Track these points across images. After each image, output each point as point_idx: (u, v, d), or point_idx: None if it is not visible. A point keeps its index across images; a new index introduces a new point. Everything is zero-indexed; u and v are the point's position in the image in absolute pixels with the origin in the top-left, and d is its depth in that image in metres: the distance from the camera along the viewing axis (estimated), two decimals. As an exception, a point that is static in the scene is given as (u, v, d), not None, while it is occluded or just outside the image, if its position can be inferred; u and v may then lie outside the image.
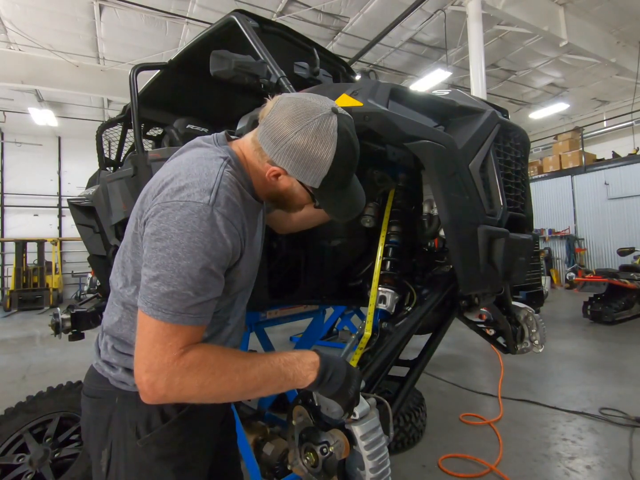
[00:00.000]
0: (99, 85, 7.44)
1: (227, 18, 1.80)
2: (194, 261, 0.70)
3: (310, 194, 0.86)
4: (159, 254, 0.71)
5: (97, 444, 0.88)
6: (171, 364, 0.69)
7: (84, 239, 3.13)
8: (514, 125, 1.42)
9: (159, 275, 0.71)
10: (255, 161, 0.86)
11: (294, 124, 0.77)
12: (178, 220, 0.71)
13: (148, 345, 0.71)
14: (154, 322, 0.71)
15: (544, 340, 1.88)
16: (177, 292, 0.70)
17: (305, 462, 0.93)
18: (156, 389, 0.69)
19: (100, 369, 0.89)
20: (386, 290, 1.23)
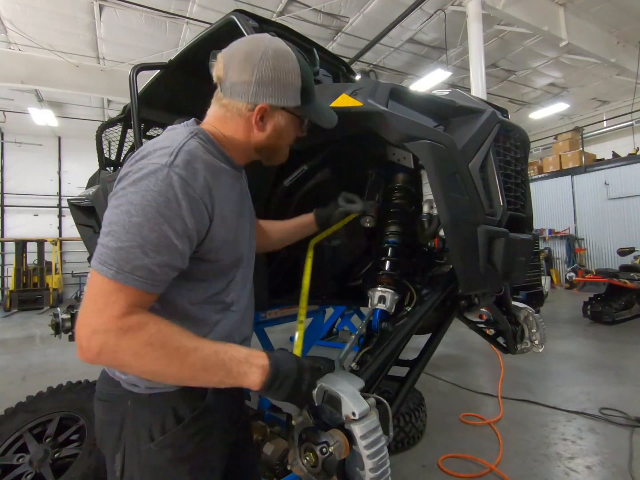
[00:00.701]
0: (99, 85, 7.44)
1: (227, 18, 1.80)
2: (146, 219, 0.69)
3: (296, 116, 0.90)
4: (114, 212, 0.71)
5: (110, 447, 0.87)
6: (109, 322, 0.67)
7: (84, 239, 3.14)
8: (513, 125, 1.42)
9: (110, 231, 0.69)
10: (233, 122, 0.87)
11: (252, 60, 0.82)
12: (134, 180, 0.71)
13: (90, 301, 0.69)
14: (99, 277, 0.69)
15: (544, 340, 1.88)
16: (125, 248, 0.68)
17: (304, 462, 0.93)
18: (91, 346, 0.66)
19: (111, 373, 0.88)
20: (386, 290, 1.23)
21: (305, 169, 1.36)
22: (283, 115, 0.89)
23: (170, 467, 0.83)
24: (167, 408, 0.83)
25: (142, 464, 0.82)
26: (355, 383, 0.96)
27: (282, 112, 0.88)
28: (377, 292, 1.24)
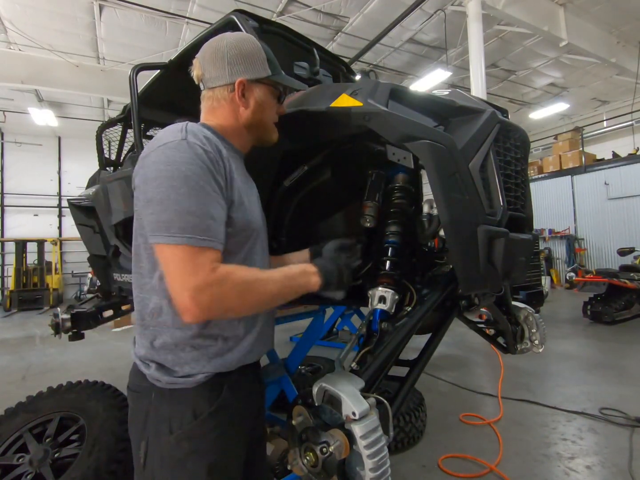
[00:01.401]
0: (99, 85, 7.45)
1: (227, 18, 1.80)
2: (190, 187, 0.78)
3: (271, 85, 1.03)
4: (159, 190, 0.78)
5: (136, 435, 0.92)
6: (207, 277, 0.75)
7: (84, 239, 3.13)
8: (513, 125, 1.41)
9: (165, 208, 0.77)
10: (221, 109, 1.00)
11: (220, 51, 0.98)
12: (162, 160, 0.80)
13: (179, 271, 0.76)
14: (177, 249, 0.76)
15: (544, 340, 1.88)
16: (185, 216, 0.76)
17: (305, 462, 0.93)
18: (200, 302, 0.74)
19: (138, 366, 0.93)
20: (386, 290, 1.23)
21: (305, 169, 1.36)
22: (260, 87, 1.01)
23: (188, 460, 0.86)
24: (185, 403, 0.87)
25: (162, 455, 0.87)
26: (356, 383, 0.96)
27: (259, 85, 1.01)
28: (377, 292, 1.24)
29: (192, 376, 0.87)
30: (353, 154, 1.43)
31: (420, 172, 1.32)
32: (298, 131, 1.25)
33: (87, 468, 1.65)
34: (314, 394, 0.96)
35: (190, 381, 0.87)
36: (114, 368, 4.25)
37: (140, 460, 0.89)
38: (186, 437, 0.85)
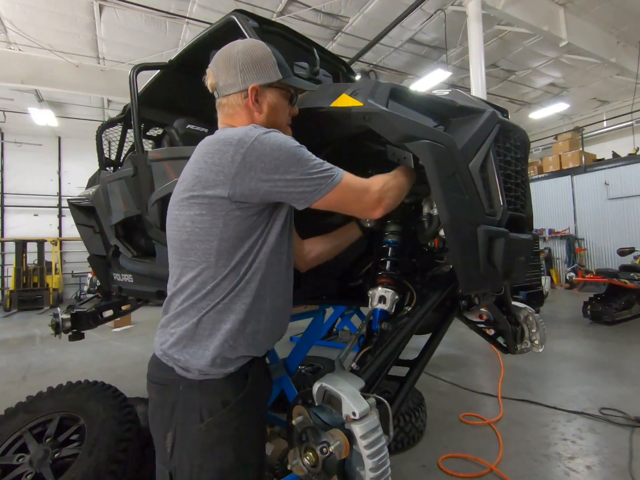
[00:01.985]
0: (99, 85, 7.45)
1: (227, 18, 1.80)
2: (304, 154, 0.94)
3: (283, 89, 1.08)
4: (294, 169, 0.91)
5: (162, 426, 0.96)
6: (377, 185, 1.02)
7: (84, 239, 3.13)
8: (514, 125, 1.41)
9: (311, 174, 0.92)
10: (238, 116, 1.05)
11: (231, 59, 1.03)
12: (270, 148, 0.90)
13: (358, 192, 1.00)
14: (340, 185, 0.95)
15: (544, 340, 1.88)
16: (323, 167, 0.94)
17: (305, 462, 0.93)
18: (385, 195, 1.03)
19: (164, 359, 0.96)
20: (386, 290, 1.23)
21: (305, 168, 1.36)
22: (272, 92, 1.06)
23: (217, 445, 0.92)
24: (215, 392, 0.93)
25: (192, 442, 0.91)
26: (356, 383, 0.96)
27: (270, 89, 1.05)
28: (377, 292, 1.24)
29: (225, 367, 0.93)
30: (353, 154, 1.43)
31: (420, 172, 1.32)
32: (298, 131, 1.25)
33: (87, 468, 1.65)
34: (314, 394, 0.97)
35: (222, 372, 0.93)
36: (114, 368, 4.25)
37: (167, 449, 0.93)
38: (216, 424, 0.91)
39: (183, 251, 0.97)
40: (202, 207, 0.93)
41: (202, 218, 0.93)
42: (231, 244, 0.93)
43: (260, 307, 0.97)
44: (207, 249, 0.93)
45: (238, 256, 0.94)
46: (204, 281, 0.94)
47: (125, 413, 1.97)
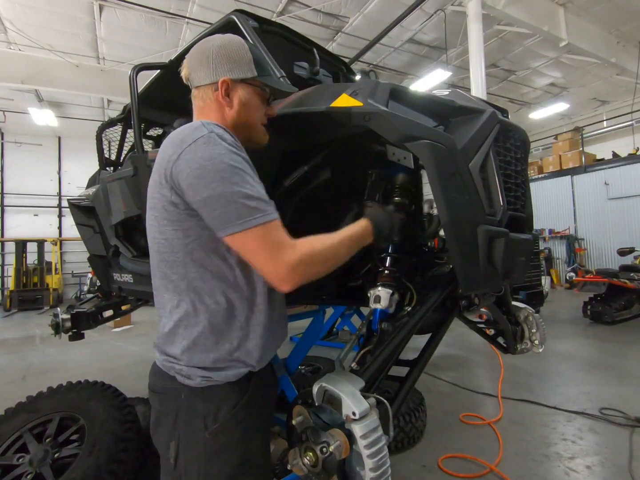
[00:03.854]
0: (99, 85, 7.45)
1: (227, 18, 1.80)
2: (237, 174, 0.82)
3: (256, 86, 1.02)
4: (213, 186, 0.80)
5: (165, 436, 0.94)
6: (295, 251, 0.83)
7: (84, 239, 3.13)
8: (513, 125, 1.41)
9: (227, 201, 0.80)
10: (208, 109, 1.01)
11: (205, 51, 0.99)
12: (201, 156, 0.82)
13: (268, 249, 0.82)
14: (254, 231, 0.81)
15: (544, 340, 1.88)
16: (244, 200, 0.81)
17: (305, 462, 0.93)
18: (297, 273, 0.83)
19: (165, 368, 0.94)
20: (386, 290, 1.23)
21: (305, 169, 1.36)
22: (245, 88, 1.01)
23: (223, 451, 0.90)
24: (219, 398, 0.91)
25: (197, 450, 0.89)
26: (356, 383, 0.96)
27: (243, 85, 1.01)
28: (377, 292, 1.24)
29: (226, 372, 0.91)
30: (353, 154, 1.43)
31: (420, 172, 1.32)
32: (298, 131, 1.25)
33: (87, 468, 1.65)
34: (314, 394, 0.97)
35: (224, 376, 0.91)
36: (114, 368, 4.24)
37: (171, 460, 0.91)
38: (222, 430, 0.89)
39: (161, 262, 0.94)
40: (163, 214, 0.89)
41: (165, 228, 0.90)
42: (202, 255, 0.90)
43: (257, 319, 0.95)
44: (175, 262, 0.91)
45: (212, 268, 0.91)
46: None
47: (125, 413, 1.97)
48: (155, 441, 0.98)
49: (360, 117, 1.08)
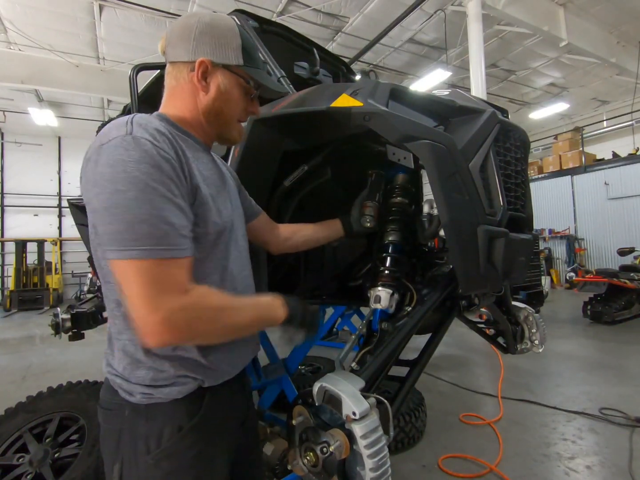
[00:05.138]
0: (99, 85, 7.45)
1: (227, 18, 1.80)
2: (140, 190, 0.65)
3: (240, 76, 0.89)
4: (102, 198, 0.66)
5: (109, 457, 0.83)
6: (181, 299, 0.67)
7: (84, 239, 3.13)
8: (514, 125, 1.41)
9: (112, 218, 0.65)
10: (180, 91, 0.89)
11: (189, 25, 0.86)
12: (105, 161, 0.67)
13: (143, 290, 0.65)
14: (135, 264, 0.65)
15: (544, 340, 1.88)
16: (137, 225, 0.65)
17: (305, 462, 0.93)
18: (172, 328, 0.66)
19: (111, 381, 0.83)
20: (386, 290, 1.23)
21: (305, 169, 1.36)
22: (226, 75, 0.88)
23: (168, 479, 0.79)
24: (163, 419, 0.79)
25: (138, 476, 0.79)
26: (356, 383, 0.96)
27: (225, 71, 0.88)
28: (377, 292, 1.24)
29: (170, 388, 0.79)
30: (353, 154, 1.43)
31: (420, 172, 1.32)
32: (298, 131, 1.25)
33: (87, 468, 1.65)
34: (314, 394, 0.96)
35: (167, 393, 0.79)
36: (114, 368, 4.24)
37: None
38: (165, 456, 0.78)
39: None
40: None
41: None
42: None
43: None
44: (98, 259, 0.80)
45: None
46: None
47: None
48: (104, 460, 0.87)
49: (360, 117, 1.08)
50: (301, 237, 1.26)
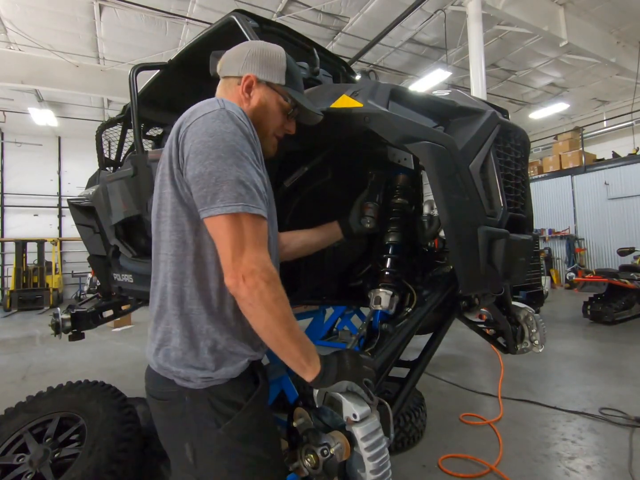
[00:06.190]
0: (99, 85, 7.44)
1: (227, 18, 1.80)
2: (236, 157, 0.79)
3: (281, 95, 1.02)
4: (207, 164, 0.78)
5: (177, 440, 0.91)
6: (265, 265, 0.78)
7: (84, 239, 3.13)
8: (514, 126, 1.41)
9: (217, 179, 0.77)
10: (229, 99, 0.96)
11: (243, 49, 1.02)
12: (205, 131, 0.80)
13: (239, 238, 0.77)
14: (227, 218, 0.77)
15: (544, 340, 1.89)
16: (236, 185, 0.77)
17: (306, 464, 0.93)
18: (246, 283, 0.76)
19: (162, 372, 0.90)
20: (386, 291, 1.23)
21: (305, 169, 1.36)
22: (268, 91, 1.01)
23: (241, 445, 0.88)
24: (224, 397, 0.87)
25: (214, 448, 0.87)
26: (356, 384, 0.96)
27: (267, 88, 1.01)
28: (378, 293, 1.24)
29: (226, 369, 0.88)
30: (353, 155, 1.43)
31: (420, 173, 1.32)
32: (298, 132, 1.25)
33: (87, 468, 1.65)
34: (315, 396, 0.96)
35: (224, 374, 0.87)
36: (114, 368, 4.24)
37: (189, 460, 0.89)
38: (235, 426, 0.87)
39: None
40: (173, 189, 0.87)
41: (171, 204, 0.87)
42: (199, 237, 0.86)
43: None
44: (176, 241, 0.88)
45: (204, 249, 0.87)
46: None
47: (125, 413, 1.97)
48: (166, 445, 0.95)
49: (360, 118, 1.08)
50: (299, 243, 1.27)
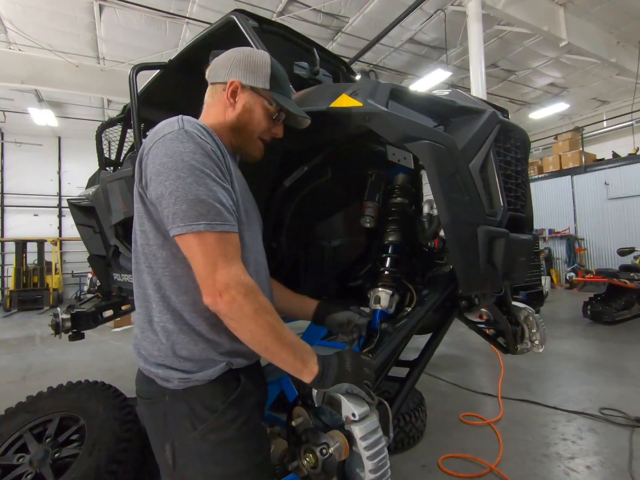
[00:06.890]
0: (99, 85, 7.44)
1: (227, 18, 1.80)
2: (196, 175, 0.80)
3: (266, 100, 1.02)
4: (167, 184, 0.80)
5: (159, 439, 0.93)
6: (238, 276, 0.79)
7: (84, 239, 3.13)
8: (514, 126, 1.41)
9: (177, 199, 0.79)
10: (213, 106, 1.03)
11: (230, 55, 1.03)
12: (164, 152, 0.82)
13: (206, 256, 0.79)
14: (198, 236, 0.78)
15: (544, 340, 1.88)
16: (196, 204, 0.78)
17: (305, 463, 0.93)
18: (224, 298, 0.78)
19: (146, 371, 0.92)
20: (386, 291, 1.23)
21: (305, 169, 1.36)
22: (252, 95, 1.01)
23: (217, 451, 0.87)
24: (201, 399, 0.88)
25: (191, 451, 0.88)
26: (356, 384, 0.96)
27: (252, 93, 1.01)
28: (377, 293, 1.24)
29: (204, 372, 0.87)
30: (353, 154, 1.42)
31: (420, 172, 1.32)
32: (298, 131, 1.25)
33: (87, 468, 1.65)
34: (314, 396, 0.96)
35: (202, 376, 0.87)
36: (114, 368, 4.24)
37: (169, 461, 0.89)
38: (210, 430, 0.87)
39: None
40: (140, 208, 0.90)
41: (142, 220, 0.90)
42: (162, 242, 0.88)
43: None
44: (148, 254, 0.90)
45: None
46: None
47: (125, 413, 1.97)
48: (152, 445, 0.96)
49: (360, 118, 1.08)
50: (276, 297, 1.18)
